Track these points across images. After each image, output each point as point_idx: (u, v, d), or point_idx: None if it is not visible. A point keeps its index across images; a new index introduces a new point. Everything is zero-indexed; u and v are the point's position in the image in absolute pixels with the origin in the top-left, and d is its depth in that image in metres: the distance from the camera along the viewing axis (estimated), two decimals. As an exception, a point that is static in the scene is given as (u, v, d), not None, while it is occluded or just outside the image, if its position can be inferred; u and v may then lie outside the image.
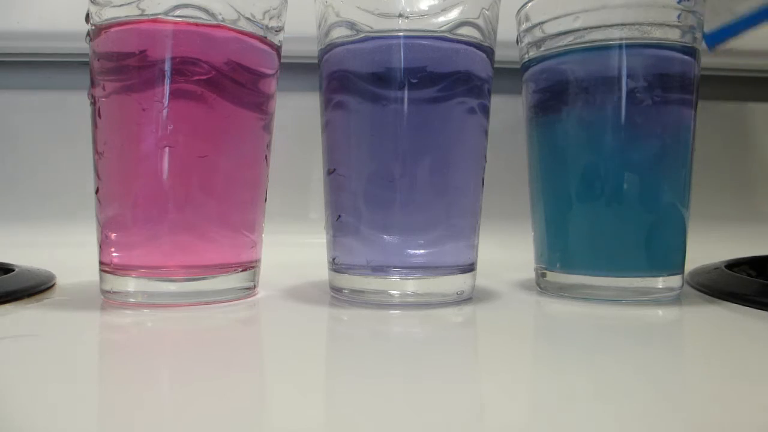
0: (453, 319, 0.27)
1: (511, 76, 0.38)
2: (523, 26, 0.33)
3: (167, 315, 0.26)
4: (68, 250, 0.39)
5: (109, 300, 0.29)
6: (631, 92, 0.29)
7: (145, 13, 0.27)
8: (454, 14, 0.28)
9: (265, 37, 0.30)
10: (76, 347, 0.22)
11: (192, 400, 0.17)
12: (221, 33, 0.28)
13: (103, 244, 0.29)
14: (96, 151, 0.28)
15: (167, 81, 0.27)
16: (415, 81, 0.28)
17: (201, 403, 0.16)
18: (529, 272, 0.36)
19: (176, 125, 0.27)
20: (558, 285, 0.32)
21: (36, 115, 0.52)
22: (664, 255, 0.31)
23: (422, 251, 0.29)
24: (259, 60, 0.30)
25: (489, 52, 0.30)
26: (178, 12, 0.27)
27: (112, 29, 0.27)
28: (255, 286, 0.32)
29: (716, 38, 0.41)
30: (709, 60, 0.36)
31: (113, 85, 0.28)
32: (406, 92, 0.28)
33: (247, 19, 0.28)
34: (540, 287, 0.34)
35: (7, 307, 0.28)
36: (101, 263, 0.29)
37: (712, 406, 0.17)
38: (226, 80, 0.28)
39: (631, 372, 0.19)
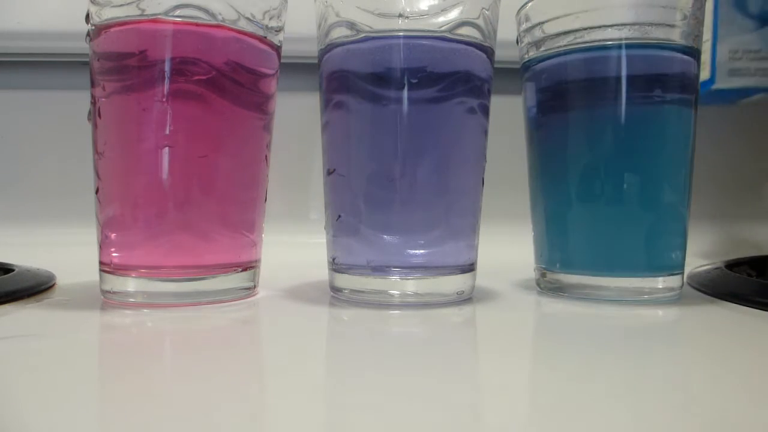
0: (453, 319, 0.27)
1: (511, 76, 0.38)
2: (523, 26, 0.33)
3: (167, 315, 0.26)
4: (68, 250, 0.39)
5: (109, 300, 0.29)
6: (630, 92, 0.29)
7: (145, 13, 0.27)
8: (454, 14, 0.28)
9: (265, 37, 0.30)
10: (76, 347, 0.22)
11: (192, 400, 0.17)
12: (221, 33, 0.28)
13: (103, 244, 0.29)
14: (96, 151, 0.28)
15: (167, 81, 0.27)
16: (415, 81, 0.28)
17: (201, 403, 0.16)
18: (529, 272, 0.36)
19: (176, 125, 0.27)
20: (558, 285, 0.32)
21: (36, 115, 0.52)
22: (664, 255, 0.31)
23: (422, 251, 0.29)
24: (259, 60, 0.30)
25: (489, 52, 0.30)
26: (178, 12, 0.27)
27: (112, 29, 0.27)
28: (255, 286, 0.32)
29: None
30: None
31: (113, 85, 0.28)
32: (406, 92, 0.28)
33: (247, 19, 0.28)
34: (540, 287, 0.34)
35: (7, 307, 0.28)
36: (101, 263, 0.29)
37: (712, 406, 0.17)
38: (226, 80, 0.28)
39: (631, 372, 0.19)
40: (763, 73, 0.41)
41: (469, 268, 0.30)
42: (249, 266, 0.31)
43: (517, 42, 0.34)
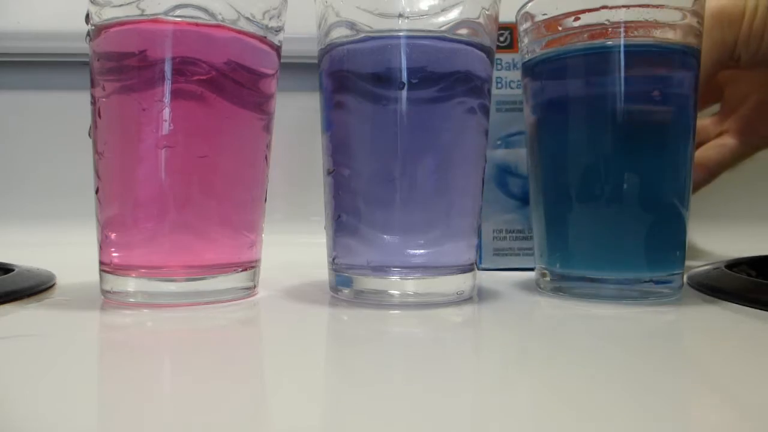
0: (453, 319, 0.27)
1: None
2: (523, 26, 0.33)
3: (167, 315, 0.26)
4: (68, 250, 0.39)
5: (109, 300, 0.29)
6: (631, 92, 0.29)
7: (145, 13, 0.27)
8: (454, 14, 0.28)
9: (265, 37, 0.30)
10: (76, 347, 0.22)
11: (192, 400, 0.17)
12: (221, 33, 0.28)
13: (103, 244, 0.29)
14: (96, 151, 0.29)
15: (167, 81, 0.27)
16: (415, 81, 0.28)
17: (201, 403, 0.16)
18: (529, 272, 0.36)
19: (176, 125, 0.27)
20: (558, 285, 0.32)
21: (36, 115, 0.52)
22: (664, 255, 0.31)
23: (422, 251, 0.29)
24: (259, 60, 0.30)
25: (489, 52, 0.30)
26: (178, 12, 0.27)
27: (112, 29, 0.27)
28: (255, 286, 0.32)
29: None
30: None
31: (113, 85, 0.28)
32: (405, 92, 0.28)
33: (247, 19, 0.28)
34: (540, 287, 0.34)
35: (7, 307, 0.28)
36: (101, 263, 0.29)
37: (711, 406, 0.17)
38: (226, 80, 0.28)
39: (631, 372, 0.19)
40: (526, 252, 0.41)
41: (469, 268, 0.30)
42: (249, 266, 0.31)
43: (517, 42, 0.34)
